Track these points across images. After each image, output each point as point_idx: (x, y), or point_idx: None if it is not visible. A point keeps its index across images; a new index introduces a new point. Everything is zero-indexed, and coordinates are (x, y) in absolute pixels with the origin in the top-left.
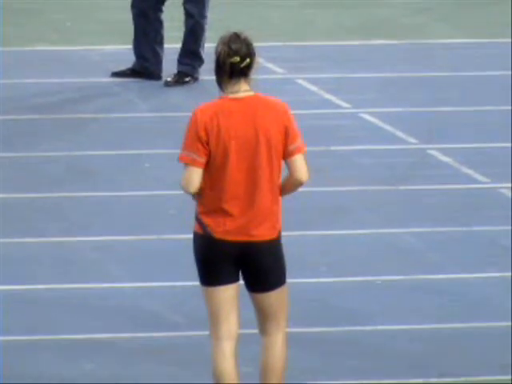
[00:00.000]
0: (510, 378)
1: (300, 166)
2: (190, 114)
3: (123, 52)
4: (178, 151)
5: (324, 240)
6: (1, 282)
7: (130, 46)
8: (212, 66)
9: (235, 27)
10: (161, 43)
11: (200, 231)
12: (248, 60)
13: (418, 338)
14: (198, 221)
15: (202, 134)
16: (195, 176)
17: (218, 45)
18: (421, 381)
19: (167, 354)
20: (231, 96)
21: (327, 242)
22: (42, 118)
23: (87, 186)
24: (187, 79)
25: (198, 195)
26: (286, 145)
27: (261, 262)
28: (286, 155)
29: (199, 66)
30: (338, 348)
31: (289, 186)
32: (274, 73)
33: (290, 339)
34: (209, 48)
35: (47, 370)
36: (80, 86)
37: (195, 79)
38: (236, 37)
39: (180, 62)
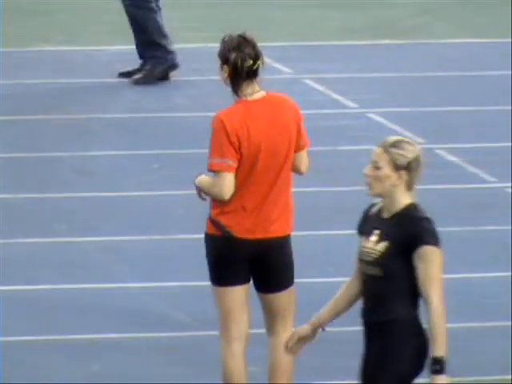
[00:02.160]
0: (510, 377)
1: (306, 160)
2: (194, 113)
3: (130, 52)
4: (187, 151)
5: (331, 240)
6: (6, 283)
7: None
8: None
9: (243, 28)
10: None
11: (215, 232)
12: (259, 61)
13: None
14: (215, 222)
15: (235, 139)
16: (231, 182)
17: (227, 50)
18: (423, 381)
19: (173, 354)
20: (250, 99)
21: (334, 242)
22: (47, 118)
23: (93, 187)
24: (157, 72)
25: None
26: (297, 140)
27: (274, 261)
28: (297, 149)
29: (163, 54)
30: (344, 347)
31: None
32: (282, 73)
33: None
34: (211, 48)
35: (54, 370)
36: (87, 87)
37: (165, 69)
38: (244, 40)
39: (142, 57)
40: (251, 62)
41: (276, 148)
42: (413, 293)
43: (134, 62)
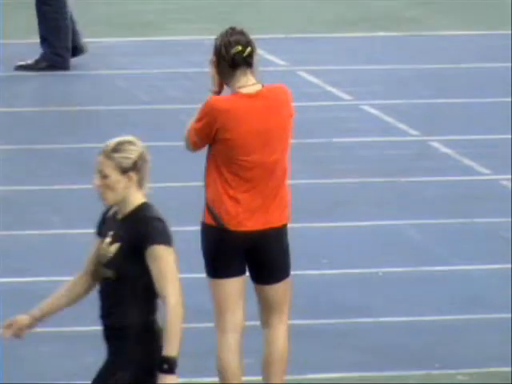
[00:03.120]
0: (509, 369)
1: None
2: (189, 106)
3: (124, 44)
4: (180, 143)
5: (325, 232)
6: (1, 275)
7: (133, 39)
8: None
9: (238, 20)
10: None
11: (211, 222)
12: (249, 48)
13: (419, 329)
14: (210, 210)
15: (219, 131)
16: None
17: (216, 40)
18: (422, 372)
19: None
20: (244, 91)
21: (328, 234)
22: (42, 110)
23: (88, 179)
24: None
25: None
26: None
27: (271, 252)
28: None
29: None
30: (338, 340)
31: None
32: (276, 65)
33: (291, 331)
34: (205, 40)
35: (48, 362)
36: (80, 79)
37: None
38: (232, 30)
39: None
40: (240, 47)
41: (269, 143)
42: (148, 297)
43: (128, 54)
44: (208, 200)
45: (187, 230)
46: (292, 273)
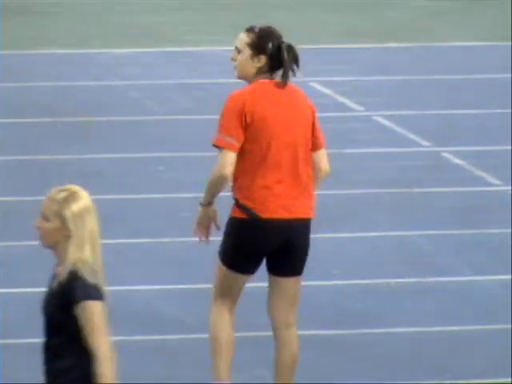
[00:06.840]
0: None
1: (326, 159)
2: (201, 116)
3: (136, 55)
4: (193, 154)
5: (337, 242)
6: (11, 285)
7: (144, 50)
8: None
9: None
10: None
11: (242, 216)
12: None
13: (431, 339)
14: (240, 206)
15: (248, 118)
16: (232, 159)
17: (270, 37)
18: (433, 382)
19: (180, 356)
20: (267, 81)
21: (340, 245)
22: (53, 120)
23: (100, 189)
24: None
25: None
26: (313, 137)
27: (300, 243)
28: (313, 148)
29: None
30: (350, 350)
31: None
32: None
33: (303, 341)
34: (216, 51)
35: None
36: (93, 89)
37: None
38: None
39: None
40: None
41: (293, 126)
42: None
43: (140, 65)
44: (237, 195)
45: (198, 240)
46: (303, 283)
